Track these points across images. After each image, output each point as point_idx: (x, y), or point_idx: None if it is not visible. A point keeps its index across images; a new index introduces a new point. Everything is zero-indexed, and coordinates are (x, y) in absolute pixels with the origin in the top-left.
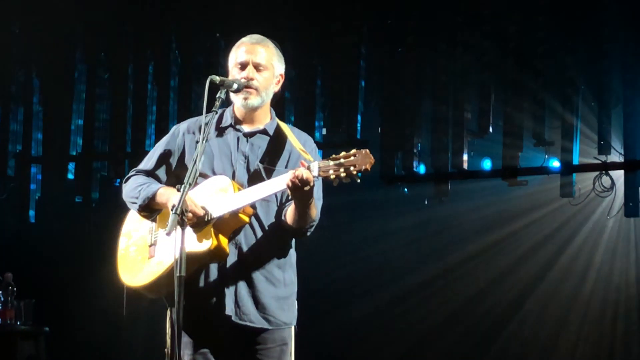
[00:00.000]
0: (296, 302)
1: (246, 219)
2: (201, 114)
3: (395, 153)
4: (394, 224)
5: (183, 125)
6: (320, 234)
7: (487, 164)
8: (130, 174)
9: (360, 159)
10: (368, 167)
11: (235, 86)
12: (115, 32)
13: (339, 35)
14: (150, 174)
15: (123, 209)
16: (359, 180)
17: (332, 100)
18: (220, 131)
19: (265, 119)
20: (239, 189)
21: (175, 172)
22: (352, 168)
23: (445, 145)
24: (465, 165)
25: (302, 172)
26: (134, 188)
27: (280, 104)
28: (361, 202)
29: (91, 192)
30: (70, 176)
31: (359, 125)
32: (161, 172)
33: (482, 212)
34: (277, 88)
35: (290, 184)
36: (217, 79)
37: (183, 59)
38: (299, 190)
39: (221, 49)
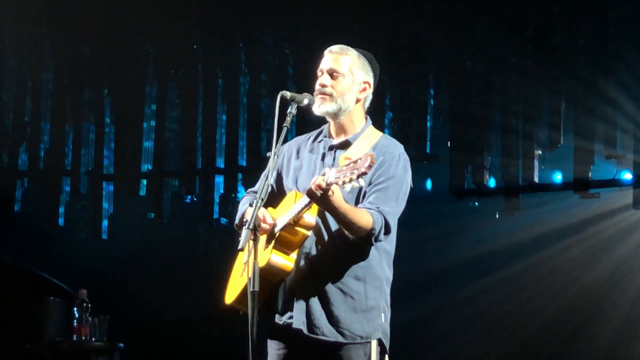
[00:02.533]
0: (384, 315)
1: (306, 232)
2: (272, 129)
3: (465, 167)
4: (465, 238)
5: (286, 145)
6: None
7: (558, 177)
8: (244, 194)
9: (360, 163)
10: (366, 170)
11: (305, 101)
12: (185, 50)
13: (407, 49)
14: (257, 193)
15: (196, 227)
16: (362, 184)
17: (401, 116)
18: (314, 146)
19: (354, 128)
20: None
21: (277, 190)
22: (355, 172)
23: (516, 159)
24: (536, 179)
25: (316, 179)
26: (239, 208)
27: None
28: (432, 216)
29: (163, 208)
30: (142, 193)
31: (428, 139)
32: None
33: (554, 225)
34: (361, 95)
35: (308, 193)
36: (287, 94)
37: (252, 76)
38: (316, 199)
39: (290, 64)
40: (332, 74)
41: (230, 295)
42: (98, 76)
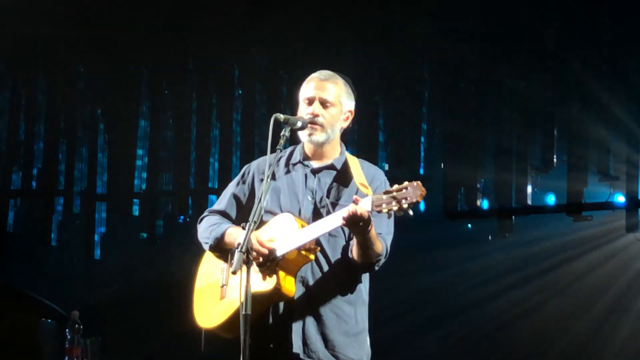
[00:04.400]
0: (368, 338)
1: (311, 256)
2: (265, 151)
3: (459, 189)
4: (458, 260)
5: (253, 165)
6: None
7: (551, 199)
8: (204, 214)
9: (412, 192)
10: (419, 199)
11: (299, 124)
12: (179, 70)
13: (400, 71)
14: (223, 214)
15: (194, 248)
16: (411, 213)
17: (394, 137)
18: (290, 168)
19: (334, 153)
20: (303, 226)
21: (245, 210)
22: (403, 201)
23: (509, 181)
24: (529, 201)
25: (356, 208)
26: (206, 229)
27: (342, 139)
28: (425, 238)
29: (156, 228)
30: (135, 213)
31: (421, 161)
32: (233, 212)
33: (547, 247)
34: (345, 124)
35: (345, 220)
36: (281, 117)
37: (246, 96)
38: (355, 226)
39: (284, 85)
40: (323, 103)
41: (210, 320)
42: (92, 96)
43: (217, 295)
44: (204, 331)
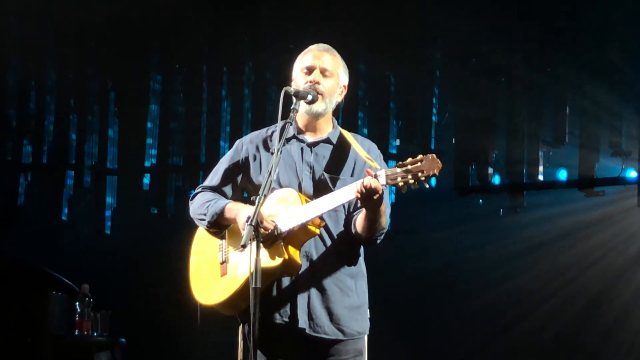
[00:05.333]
0: (368, 311)
1: (316, 230)
2: (275, 124)
3: (470, 164)
4: (469, 235)
5: (246, 139)
6: (394, 243)
7: (563, 175)
8: (196, 190)
9: (427, 164)
10: (436, 172)
11: (309, 97)
12: (189, 44)
13: (412, 46)
14: (216, 189)
15: (193, 226)
16: (427, 186)
17: (405, 112)
18: (284, 143)
19: (328, 127)
20: (307, 201)
21: (240, 186)
22: (419, 174)
23: (521, 156)
24: (540, 176)
25: (371, 181)
26: (201, 205)
27: (353, 115)
28: (436, 212)
29: (166, 203)
30: (146, 188)
31: (433, 136)
32: (227, 188)
33: (558, 223)
34: (339, 98)
35: (359, 194)
36: (291, 90)
37: (256, 71)
38: (369, 200)
39: (294, 59)
40: (323, 72)
41: (212, 297)
42: (102, 70)
43: (217, 272)
44: (201, 307)
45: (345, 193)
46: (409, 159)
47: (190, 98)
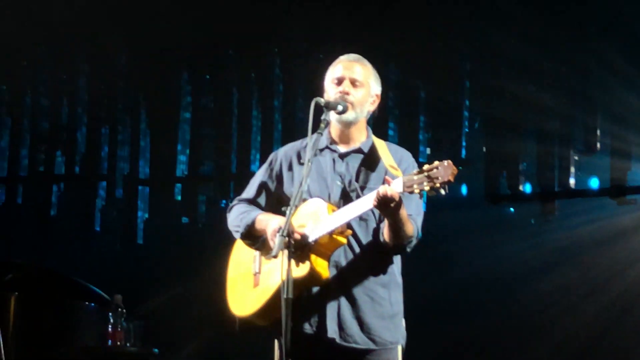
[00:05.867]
0: (403, 321)
1: (343, 240)
2: (306, 135)
3: (501, 172)
4: (500, 243)
5: (280, 152)
6: (424, 252)
7: (594, 183)
8: (232, 203)
9: (443, 171)
10: (451, 178)
11: (340, 107)
12: (219, 55)
13: (441, 54)
14: (252, 202)
15: (229, 234)
16: (443, 192)
17: (435, 120)
18: (317, 153)
19: (361, 137)
20: (334, 210)
21: (275, 198)
22: (435, 180)
23: (552, 164)
24: (572, 184)
25: (386, 189)
26: (235, 217)
27: (383, 124)
28: (467, 221)
29: (197, 212)
30: (177, 197)
31: (463, 144)
32: (261, 200)
33: (590, 231)
34: (372, 107)
35: (375, 202)
36: (321, 100)
37: (286, 81)
38: (386, 208)
39: (324, 69)
40: (353, 82)
41: (245, 308)
42: (133, 81)
43: (250, 283)
44: (237, 318)
45: (366, 201)
46: (426, 166)
47: (221, 108)
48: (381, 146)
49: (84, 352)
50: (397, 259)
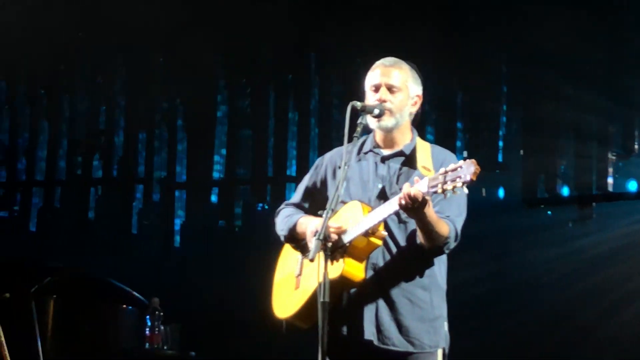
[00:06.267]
0: (446, 324)
1: (378, 241)
2: (342, 139)
3: (538, 175)
4: (538, 247)
5: (327, 156)
6: (462, 256)
7: (633, 186)
8: (280, 207)
9: (465, 170)
10: (473, 177)
11: (376, 111)
12: (256, 59)
13: (478, 58)
14: (298, 206)
15: (272, 237)
16: (466, 191)
17: (472, 124)
18: (361, 157)
19: (404, 140)
20: (369, 212)
21: (320, 202)
22: (457, 180)
23: (589, 167)
24: (610, 187)
25: (409, 190)
26: (281, 220)
27: (421, 128)
28: (505, 224)
29: (234, 216)
30: (214, 200)
31: (500, 148)
32: (307, 204)
33: (628, 234)
34: (414, 109)
35: (401, 203)
36: (358, 104)
37: (323, 84)
38: (411, 209)
39: (360, 73)
40: (390, 88)
41: (285, 310)
42: (170, 85)
43: (293, 285)
44: (285, 321)
45: (393, 203)
46: (450, 165)
47: (257, 112)
48: (423, 148)
49: (122, 354)
50: (441, 262)
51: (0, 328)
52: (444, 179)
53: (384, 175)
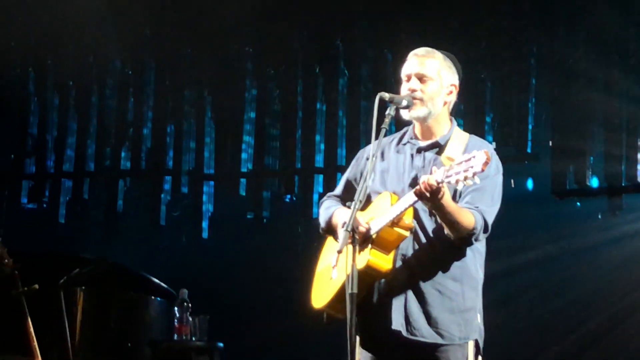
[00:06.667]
0: (479, 316)
1: (404, 232)
2: (370, 130)
3: (567, 167)
4: (568, 239)
5: (368, 148)
6: (489, 247)
7: None
8: (323, 199)
9: (477, 160)
10: (483, 167)
11: (404, 102)
12: (284, 50)
13: (507, 48)
14: (339, 197)
15: (300, 228)
16: (478, 181)
17: (501, 114)
18: (400, 148)
19: (441, 130)
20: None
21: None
22: (469, 170)
23: (619, 158)
24: (639, 178)
25: (425, 178)
26: (322, 213)
27: None
28: (534, 216)
29: (262, 208)
30: (242, 192)
31: (529, 139)
32: (348, 195)
33: None
34: (449, 98)
35: (417, 192)
36: (386, 95)
37: (351, 75)
38: (424, 198)
39: (389, 63)
40: (420, 78)
41: (320, 300)
42: (199, 76)
43: (329, 275)
44: (324, 312)
45: (412, 193)
46: (465, 155)
47: (285, 103)
48: (460, 139)
49: (150, 346)
50: (475, 252)
51: (30, 320)
52: (458, 170)
53: (419, 166)
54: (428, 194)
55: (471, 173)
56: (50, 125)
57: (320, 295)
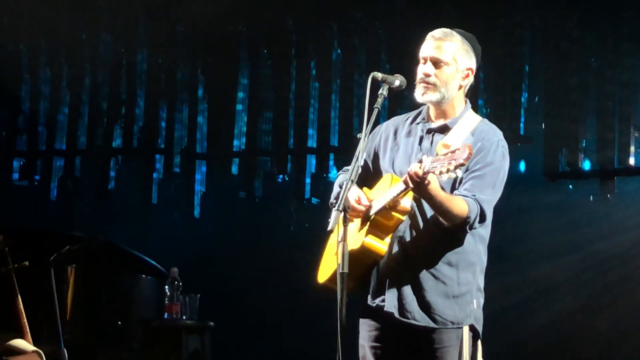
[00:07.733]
0: (475, 301)
1: (400, 216)
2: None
3: (560, 149)
4: (559, 221)
5: (383, 125)
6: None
7: None
8: (339, 172)
9: (459, 154)
10: (464, 161)
11: (397, 83)
12: (277, 29)
13: (501, 30)
14: None
15: (288, 206)
16: (459, 174)
17: (494, 97)
18: (413, 128)
19: (454, 113)
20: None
21: (374, 171)
22: (453, 162)
23: (612, 141)
24: (632, 162)
25: (412, 167)
26: (335, 187)
27: None
28: (525, 198)
29: (254, 187)
30: (234, 172)
31: (522, 121)
32: (361, 172)
33: None
34: (464, 82)
35: (405, 181)
36: (379, 75)
37: (344, 55)
38: (414, 187)
39: (382, 44)
40: (435, 62)
41: (323, 275)
42: (192, 55)
43: (334, 251)
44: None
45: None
46: (451, 147)
47: (278, 83)
48: (469, 123)
49: (141, 324)
50: (476, 238)
51: (19, 297)
52: (443, 161)
53: (427, 148)
54: (412, 184)
55: (453, 166)
56: (42, 102)
57: (324, 270)
